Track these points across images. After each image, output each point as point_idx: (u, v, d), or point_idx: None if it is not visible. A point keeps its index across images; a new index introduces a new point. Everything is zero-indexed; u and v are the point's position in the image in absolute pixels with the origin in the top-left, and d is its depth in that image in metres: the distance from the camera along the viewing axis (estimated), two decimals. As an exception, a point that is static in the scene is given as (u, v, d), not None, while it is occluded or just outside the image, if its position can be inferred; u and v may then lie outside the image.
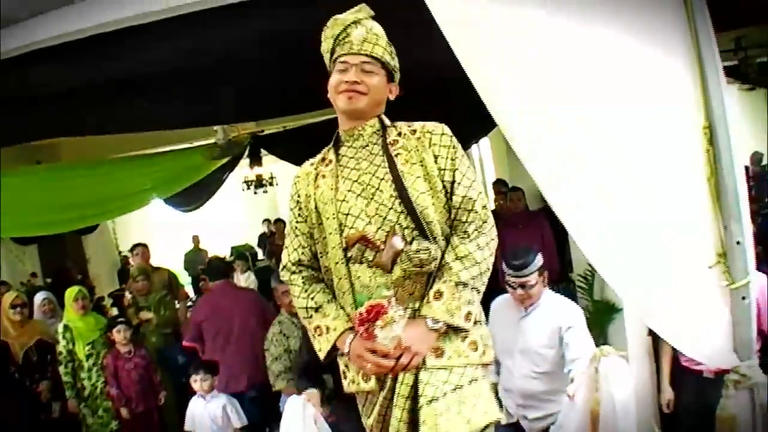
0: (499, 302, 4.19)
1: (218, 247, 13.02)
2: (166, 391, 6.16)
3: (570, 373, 3.65)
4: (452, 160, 2.51)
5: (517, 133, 2.68)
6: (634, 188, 2.60)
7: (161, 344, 6.64)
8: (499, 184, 8.99)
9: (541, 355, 3.91)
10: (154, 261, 8.01)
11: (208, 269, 6.96)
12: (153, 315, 6.69)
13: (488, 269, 2.51)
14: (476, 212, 2.48)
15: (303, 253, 2.68)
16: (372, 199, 2.49)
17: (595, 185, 2.62)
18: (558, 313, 3.92)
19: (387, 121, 2.64)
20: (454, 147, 2.54)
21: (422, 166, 2.49)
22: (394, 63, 2.60)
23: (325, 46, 2.60)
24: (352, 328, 2.47)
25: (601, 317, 5.12)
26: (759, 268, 3.58)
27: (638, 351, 4.74)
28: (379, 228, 2.46)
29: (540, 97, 2.63)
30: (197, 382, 5.28)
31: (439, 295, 2.43)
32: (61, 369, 5.91)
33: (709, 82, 2.59)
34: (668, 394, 4.29)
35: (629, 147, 2.62)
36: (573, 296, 5.71)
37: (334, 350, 2.56)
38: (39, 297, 7.04)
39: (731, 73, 9.09)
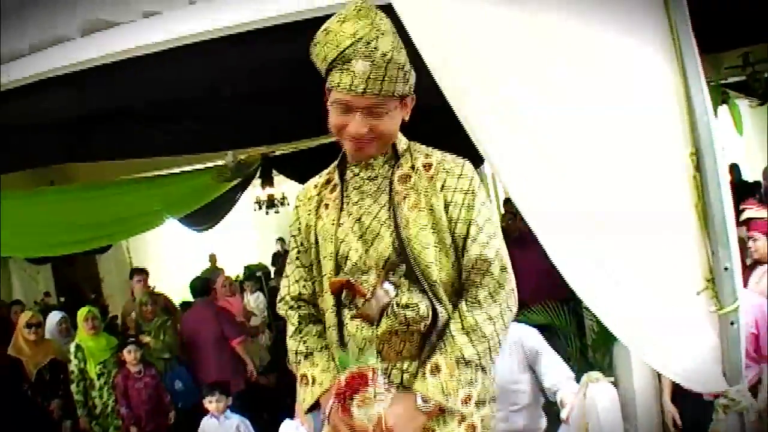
0: None
1: (233, 266, 13.07)
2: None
3: (557, 395, 3.64)
4: (467, 209, 2.09)
5: (484, 138, 2.60)
6: (619, 212, 2.59)
7: (160, 369, 6.65)
8: (509, 203, 9.01)
9: (516, 390, 3.80)
10: (173, 280, 8.12)
11: (190, 288, 7.34)
12: (151, 339, 6.75)
13: (498, 345, 2.12)
14: (491, 275, 2.09)
15: (305, 286, 2.32)
16: (371, 245, 2.12)
17: (577, 207, 2.59)
18: (519, 341, 3.83)
19: (402, 145, 2.20)
20: (472, 192, 2.10)
21: (431, 213, 2.09)
22: (411, 81, 2.10)
23: (318, 64, 2.08)
24: None
25: (607, 337, 5.12)
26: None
27: (643, 371, 4.75)
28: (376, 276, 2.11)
29: (513, 102, 2.58)
30: (212, 403, 5.33)
31: (436, 370, 2.05)
32: (73, 387, 6.03)
33: (696, 107, 2.56)
34: (671, 410, 4.31)
35: (613, 168, 2.60)
36: (581, 316, 5.74)
37: (318, 405, 2.24)
38: (54, 316, 7.17)
39: (740, 89, 9.12)
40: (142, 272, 7.73)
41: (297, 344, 2.30)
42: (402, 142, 2.21)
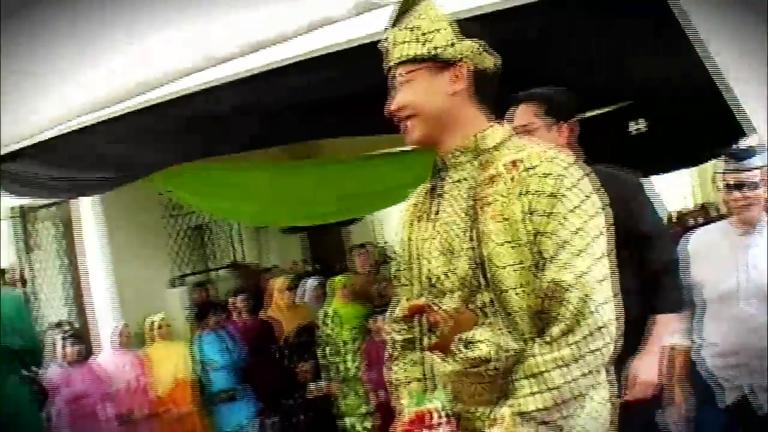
0: (702, 239, 3.21)
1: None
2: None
3: None
4: (548, 216, 1.64)
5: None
6: None
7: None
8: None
9: None
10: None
11: None
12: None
13: (577, 397, 1.63)
14: (568, 306, 1.61)
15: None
16: (450, 263, 1.78)
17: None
18: None
19: (494, 138, 1.82)
20: (560, 196, 1.65)
21: (511, 225, 1.68)
22: (435, 43, 1.79)
23: None
24: None
25: None
26: None
27: None
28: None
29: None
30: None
31: (500, 420, 1.66)
32: (321, 351, 6.30)
33: None
34: None
35: None
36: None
37: None
38: (311, 283, 7.58)
39: None
40: (363, 247, 7.85)
41: (389, 374, 2.08)
42: (494, 134, 1.83)
